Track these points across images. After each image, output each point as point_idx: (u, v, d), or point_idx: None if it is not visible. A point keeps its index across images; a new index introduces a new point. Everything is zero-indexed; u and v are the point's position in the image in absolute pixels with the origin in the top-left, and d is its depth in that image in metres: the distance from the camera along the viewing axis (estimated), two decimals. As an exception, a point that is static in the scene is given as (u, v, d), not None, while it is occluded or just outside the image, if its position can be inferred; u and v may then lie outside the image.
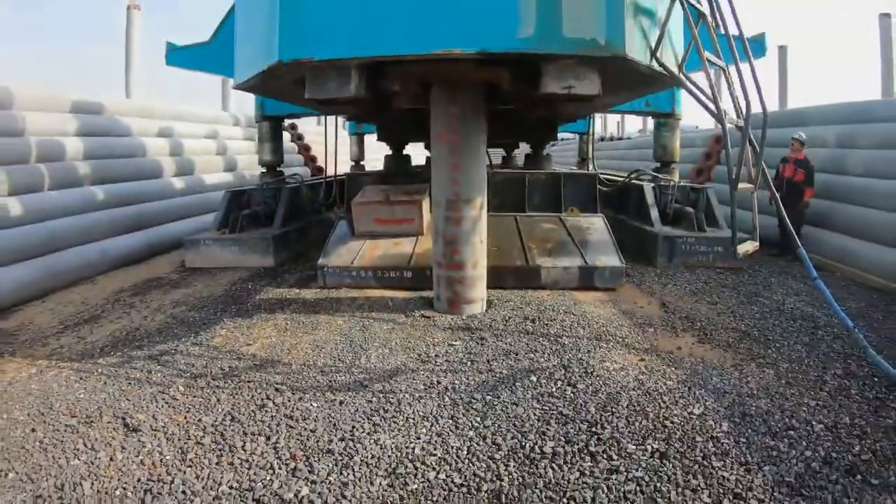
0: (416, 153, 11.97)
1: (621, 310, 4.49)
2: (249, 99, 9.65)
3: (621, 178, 7.92)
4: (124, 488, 2.22)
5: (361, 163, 13.43)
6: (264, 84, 4.05)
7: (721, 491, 2.12)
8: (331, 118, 8.69)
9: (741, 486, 2.15)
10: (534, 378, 3.13)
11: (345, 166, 12.42)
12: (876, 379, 3.20)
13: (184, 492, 2.16)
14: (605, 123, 27.86)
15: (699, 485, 2.16)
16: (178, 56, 6.40)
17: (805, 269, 3.84)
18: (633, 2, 3.24)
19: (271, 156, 8.09)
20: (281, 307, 4.68)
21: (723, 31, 3.82)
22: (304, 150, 14.63)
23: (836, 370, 3.36)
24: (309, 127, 14.67)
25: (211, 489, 2.17)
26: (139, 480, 2.26)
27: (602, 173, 8.20)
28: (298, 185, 7.97)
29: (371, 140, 14.90)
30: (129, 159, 8.56)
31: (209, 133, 11.67)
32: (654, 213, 6.58)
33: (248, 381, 3.14)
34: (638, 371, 3.23)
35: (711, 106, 3.27)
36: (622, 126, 25.75)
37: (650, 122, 12.14)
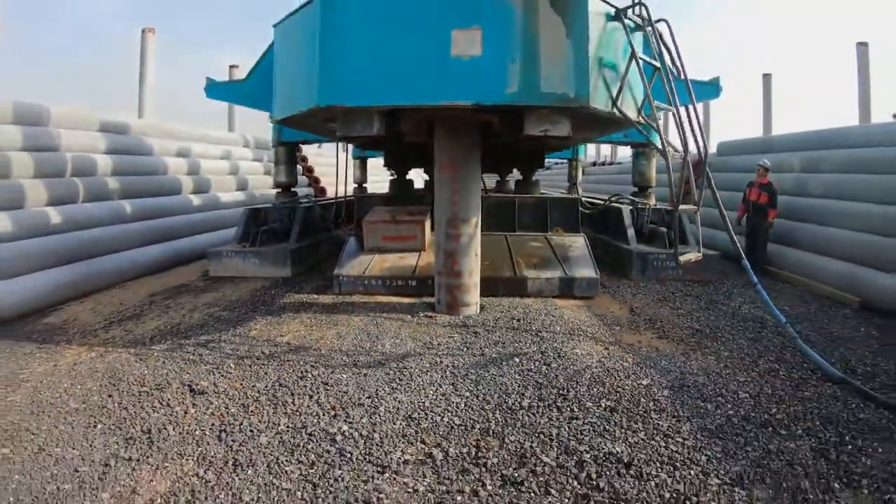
0: (413, 176, 12.86)
1: (594, 313, 5.25)
2: (253, 121, 10.60)
3: (602, 202, 8.76)
4: (202, 431, 2.93)
5: (364, 185, 14.28)
6: (300, 120, 4.88)
7: (654, 432, 2.86)
8: (341, 146, 9.56)
9: (671, 430, 2.88)
10: (517, 360, 3.87)
11: (349, 188, 13.32)
12: (804, 365, 3.93)
13: (251, 430, 2.88)
14: (599, 149, 29.12)
15: (638, 428, 2.89)
16: (216, 90, 7.27)
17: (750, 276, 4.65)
18: (598, 60, 4.11)
19: (286, 177, 8.88)
20: (304, 308, 5.41)
21: (681, 78, 4.72)
22: (308, 171, 15.53)
23: (770, 357, 4.12)
24: (310, 150, 15.57)
25: (271, 428, 2.89)
26: (213, 425, 2.97)
27: (585, 197, 9.04)
28: (312, 205, 8.75)
29: (372, 163, 15.86)
30: (153, 176, 9.36)
31: (223, 154, 12.54)
32: (631, 233, 7.39)
33: (288, 360, 3.87)
34: (601, 356, 3.98)
35: (658, 144, 4.12)
36: (615, 151, 26.96)
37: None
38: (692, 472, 2.46)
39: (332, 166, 19.05)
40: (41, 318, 5.47)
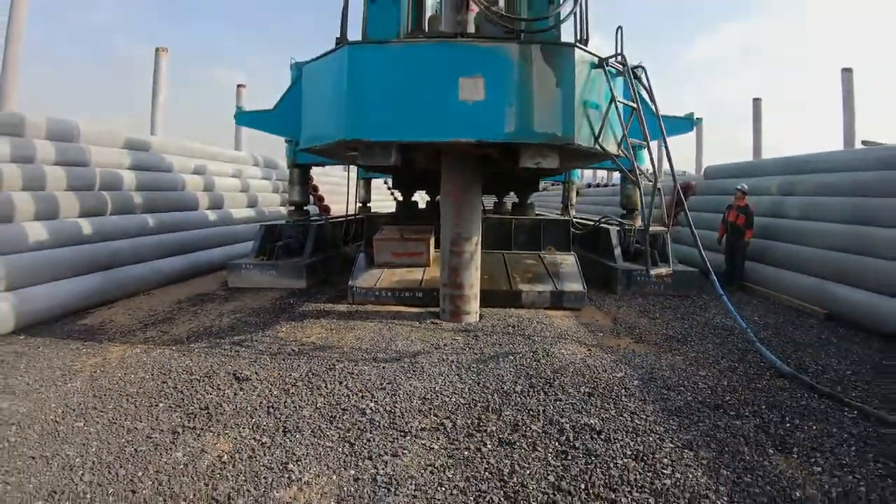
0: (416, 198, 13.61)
1: (581, 322, 5.91)
2: (258, 141, 11.34)
3: (592, 223, 9.48)
4: (252, 407, 3.53)
5: (368, 204, 14.99)
6: (326, 150, 5.60)
7: (623, 410, 3.49)
8: (347, 168, 10.28)
9: (637, 409, 3.51)
10: (511, 357, 4.51)
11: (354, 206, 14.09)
12: (761, 364, 4.57)
13: (294, 406, 3.49)
14: (595, 172, 30.18)
15: (610, 407, 3.52)
16: (245, 118, 8.02)
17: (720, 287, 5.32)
18: (583, 103, 4.85)
19: (300, 197, 9.56)
20: (323, 315, 6.04)
21: (656, 114, 5.48)
22: (313, 189, 16.30)
23: (732, 358, 4.76)
24: (315, 169, 16.40)
25: (311, 404, 3.51)
26: (261, 403, 3.58)
27: (576, 219, 9.75)
28: (324, 223, 9.43)
29: (376, 183, 16.67)
30: (173, 192, 10.06)
31: (234, 172, 13.30)
32: (617, 252, 8.09)
33: (315, 356, 4.50)
34: (584, 355, 4.62)
35: (631, 176, 4.84)
36: (609, 174, 27.98)
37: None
38: (651, 439, 3.09)
39: (334, 185, 19.86)
40: (77, 320, 6.06)
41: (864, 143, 9.48)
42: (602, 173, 30.06)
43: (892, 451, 3.01)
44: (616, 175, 26.91)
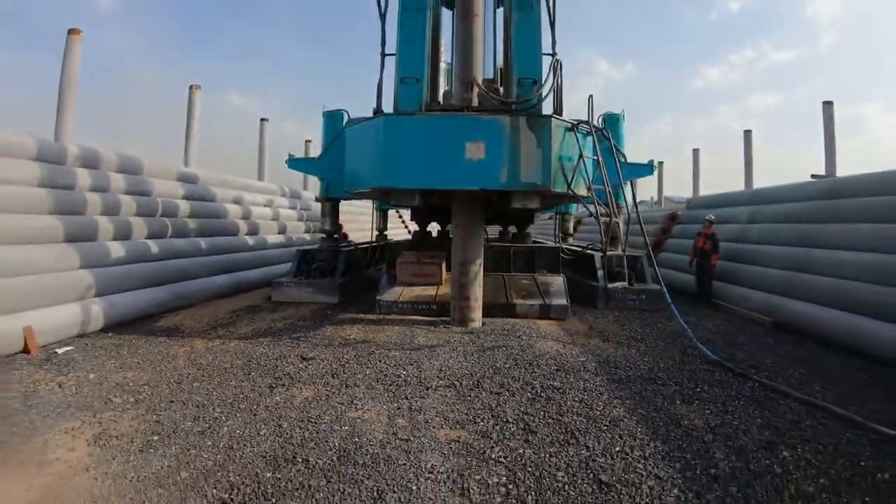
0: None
1: (562, 328, 7.39)
2: (280, 172, 13.30)
3: (580, 249, 11.01)
4: (320, 374, 5.05)
5: (384, 232, 16.66)
6: (365, 193, 7.27)
7: (579, 379, 4.96)
8: (372, 204, 11.97)
9: (589, 378, 4.99)
10: (503, 348, 6.02)
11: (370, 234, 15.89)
12: (695, 355, 5.98)
13: (349, 373, 5.01)
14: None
15: (570, 377, 5.01)
16: (296, 163, 9.80)
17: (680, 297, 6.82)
18: (559, 158, 6.47)
19: (330, 226, 11.20)
20: (357, 321, 7.58)
21: (622, 162, 7.08)
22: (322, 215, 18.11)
23: (675, 351, 6.20)
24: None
25: (362, 372, 5.04)
26: (325, 372, 5.10)
27: (565, 247, 11.29)
28: (352, 249, 11.05)
29: (391, 214, 18.43)
30: (218, 219, 11.79)
31: (266, 201, 15.10)
32: (600, 273, 9.58)
33: (358, 346, 6.04)
34: (559, 348, 6.11)
35: (593, 209, 6.43)
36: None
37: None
38: (593, 394, 4.57)
39: (352, 214, 21.58)
40: (152, 322, 7.63)
41: (812, 176, 10.99)
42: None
43: (770, 405, 4.44)
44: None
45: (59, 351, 5.98)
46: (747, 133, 20.26)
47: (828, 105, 15.93)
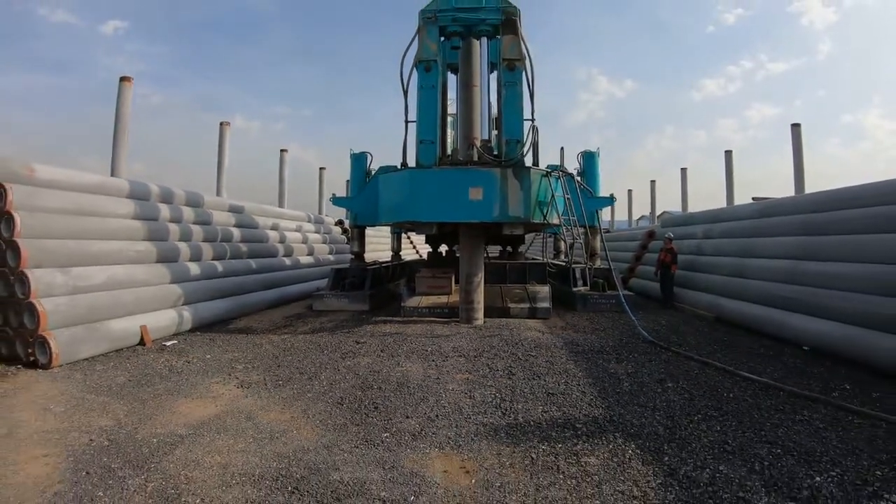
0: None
1: (545, 324, 9.68)
2: (299, 199, 15.70)
3: (562, 264, 13.34)
4: (372, 351, 7.35)
5: (399, 252, 19.06)
6: (394, 224, 9.68)
7: (548, 352, 7.25)
8: (391, 230, 14.41)
9: (555, 350, 7.27)
10: (498, 336, 8.33)
11: (387, 254, 18.31)
12: (639, 338, 8.24)
13: (392, 350, 7.33)
14: (599, 218, 34.78)
15: (543, 351, 7.30)
16: (338, 201, 12.31)
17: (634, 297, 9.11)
18: (536, 197, 8.86)
19: (358, 248, 13.57)
20: (387, 322, 9.89)
21: (589, 196, 9.46)
22: (349, 239, 20.55)
23: (625, 337, 8.45)
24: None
25: (402, 349, 7.35)
26: (375, 349, 7.41)
27: (551, 262, 13.63)
28: (378, 267, 13.42)
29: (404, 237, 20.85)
30: (262, 243, 14.19)
31: (296, 227, 17.55)
32: (579, 283, 11.88)
33: (393, 336, 8.36)
34: (538, 336, 8.41)
35: (565, 234, 8.78)
36: (612, 223, 32.45)
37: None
38: (557, 358, 6.85)
39: (368, 236, 24.10)
40: (224, 325, 9.90)
41: (753, 198, 13.32)
42: (604, 221, 34.77)
43: (674, 363, 6.70)
44: (617, 222, 31.33)
45: (167, 343, 8.28)
46: (728, 153, 22.03)
47: (796, 127, 17.80)
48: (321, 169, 26.81)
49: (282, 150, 21.99)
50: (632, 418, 4.62)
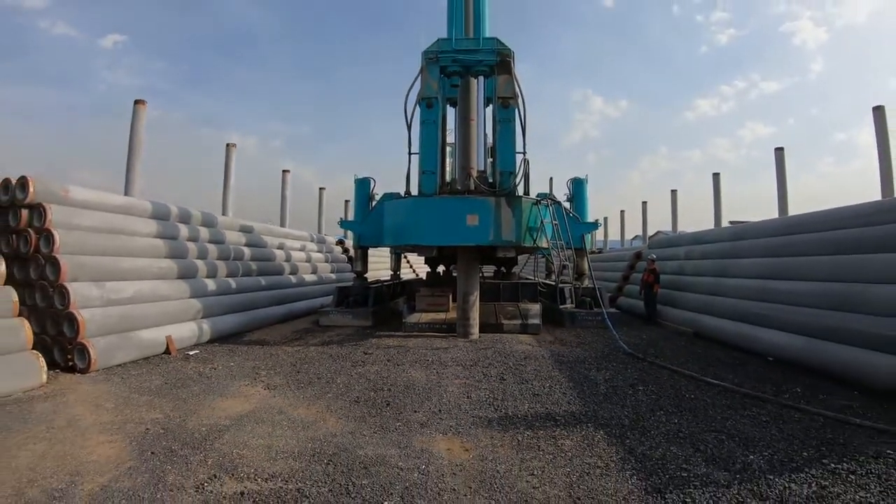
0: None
1: (535, 339, 10.54)
2: (297, 217, 16.65)
3: (553, 283, 14.25)
4: (379, 360, 8.18)
5: (398, 272, 19.93)
6: (397, 246, 10.60)
7: (536, 362, 8.10)
8: (391, 251, 15.33)
9: (543, 362, 8.12)
10: (492, 349, 9.19)
11: (387, 273, 19.19)
12: (618, 352, 9.11)
13: (398, 360, 8.17)
14: (594, 241, 36.19)
15: (532, 361, 8.16)
16: (346, 224, 13.25)
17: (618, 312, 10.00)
18: (527, 223, 9.82)
19: (361, 268, 14.43)
20: (390, 336, 10.72)
21: (566, 223, 10.43)
22: (350, 259, 21.46)
23: (607, 349, 9.32)
24: (351, 242, 21.50)
25: (407, 358, 8.19)
26: (382, 359, 8.24)
27: (542, 282, 14.55)
28: (380, 286, 14.28)
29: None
30: (270, 262, 15.04)
31: (301, 246, 18.41)
32: (567, 301, 12.79)
33: (397, 349, 9.19)
34: (528, 348, 9.27)
35: (553, 257, 9.72)
36: (606, 243, 33.67)
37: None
38: (543, 367, 7.72)
39: (370, 256, 24.89)
40: (239, 338, 10.70)
41: (731, 222, 14.37)
42: (599, 239, 36.12)
43: (648, 371, 7.57)
44: (611, 242, 32.55)
45: (191, 353, 9.08)
46: (715, 175, 22.45)
47: (779, 151, 18.66)
48: (321, 189, 27.72)
49: (284, 171, 22.86)
50: (603, 413, 5.48)
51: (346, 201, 26.87)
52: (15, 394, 6.33)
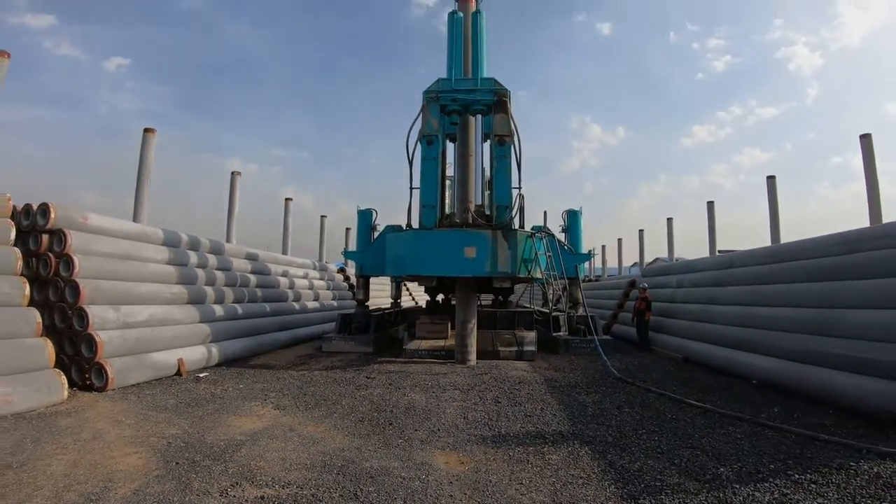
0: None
1: (530, 365, 10.98)
2: (297, 243, 17.21)
3: (547, 311, 14.73)
4: (381, 385, 8.61)
5: (399, 300, 20.39)
6: (399, 276, 11.15)
7: (530, 387, 8.55)
8: (391, 280, 15.89)
9: (536, 386, 8.56)
10: (489, 374, 9.63)
11: (387, 301, 19.67)
12: (609, 377, 9.54)
13: (399, 384, 8.61)
14: (592, 268, 36.57)
15: (526, 386, 8.60)
16: (349, 254, 13.84)
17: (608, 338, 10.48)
18: (522, 255, 10.40)
19: (363, 296, 14.94)
20: (391, 362, 11.16)
21: (559, 254, 11.01)
22: (351, 287, 21.95)
23: (598, 374, 9.76)
24: (352, 270, 21.99)
25: (407, 382, 8.64)
26: (384, 383, 8.68)
27: (538, 310, 15.04)
28: (381, 314, 14.75)
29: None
30: (274, 288, 15.52)
31: (303, 274, 18.91)
32: (562, 329, 13.25)
33: (398, 374, 9.64)
34: (523, 374, 9.71)
35: (547, 289, 10.26)
36: (604, 270, 34.11)
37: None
38: (536, 391, 8.16)
39: (373, 285, 25.29)
40: (246, 362, 11.11)
41: (720, 251, 14.95)
42: (598, 265, 36.59)
43: (634, 395, 8.01)
44: (610, 268, 33.03)
45: (201, 375, 9.51)
46: (710, 204, 22.57)
47: (771, 179, 19.18)
48: (322, 217, 28.32)
49: (286, 199, 23.46)
50: (590, 432, 5.94)
51: (347, 229, 27.52)
52: (39, 409, 6.78)
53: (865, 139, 13.76)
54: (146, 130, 13.43)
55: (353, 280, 21.41)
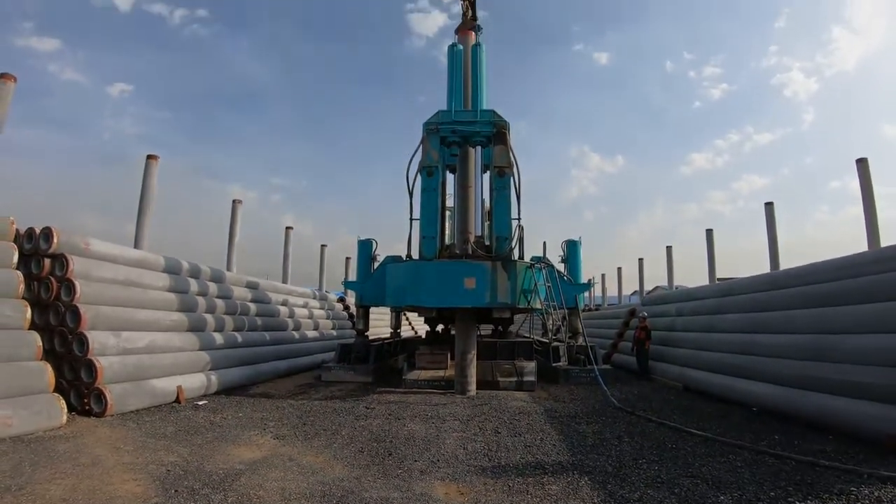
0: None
1: (530, 395, 10.95)
2: (296, 271, 17.43)
3: (547, 341, 14.74)
4: (380, 415, 8.59)
5: (399, 331, 20.36)
6: (398, 307, 11.25)
7: (529, 417, 8.53)
8: (389, 309, 15.98)
9: (536, 417, 8.55)
10: (488, 405, 9.61)
11: (387, 331, 19.67)
12: (609, 407, 9.53)
13: (399, 414, 8.59)
14: (592, 297, 36.57)
15: (525, 417, 8.59)
16: (349, 284, 13.96)
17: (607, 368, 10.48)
18: (521, 285, 10.52)
19: (363, 326, 14.96)
20: (391, 392, 11.12)
21: (559, 285, 11.12)
22: (351, 317, 21.95)
23: (598, 404, 9.75)
24: (352, 300, 22.02)
25: (406, 413, 8.62)
26: (384, 414, 8.66)
27: (538, 340, 15.06)
28: (381, 344, 14.76)
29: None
30: (274, 317, 15.54)
31: (303, 303, 18.93)
32: (562, 359, 13.25)
33: (398, 403, 9.62)
34: (523, 404, 9.69)
35: (547, 319, 10.34)
36: (605, 299, 34.08)
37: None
38: (536, 421, 8.15)
39: (373, 315, 25.25)
40: (245, 390, 11.07)
41: (719, 279, 15.06)
42: (598, 294, 36.58)
43: (634, 424, 8.01)
44: (610, 296, 33.05)
45: (200, 403, 9.48)
46: (709, 232, 22.63)
47: (769, 205, 19.17)
48: (322, 246, 28.44)
49: (287, 228, 23.60)
50: (589, 462, 5.94)
51: (347, 258, 27.63)
52: (37, 433, 6.79)
53: (862, 163, 13.83)
54: (149, 157, 13.54)
55: (353, 310, 21.51)
